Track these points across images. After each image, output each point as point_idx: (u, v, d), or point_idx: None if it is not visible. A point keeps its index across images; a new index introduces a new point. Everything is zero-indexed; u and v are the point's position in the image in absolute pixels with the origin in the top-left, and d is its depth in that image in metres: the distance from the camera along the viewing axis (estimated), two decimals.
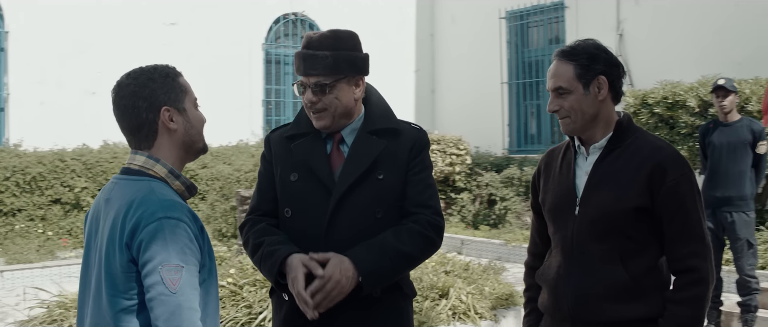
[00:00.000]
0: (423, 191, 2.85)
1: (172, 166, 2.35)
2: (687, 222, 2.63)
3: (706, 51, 10.91)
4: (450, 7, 15.25)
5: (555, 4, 13.29)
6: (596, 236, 2.68)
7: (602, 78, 2.70)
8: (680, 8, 11.40)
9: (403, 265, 2.78)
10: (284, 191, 2.89)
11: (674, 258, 2.66)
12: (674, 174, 2.62)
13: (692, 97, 9.24)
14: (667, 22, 11.58)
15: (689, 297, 2.61)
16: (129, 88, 2.32)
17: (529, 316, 3.04)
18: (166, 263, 2.12)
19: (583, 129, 2.75)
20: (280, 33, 14.03)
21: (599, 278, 2.66)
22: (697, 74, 10.03)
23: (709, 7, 11.04)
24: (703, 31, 11.06)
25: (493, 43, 14.17)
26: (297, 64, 2.83)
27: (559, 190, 2.81)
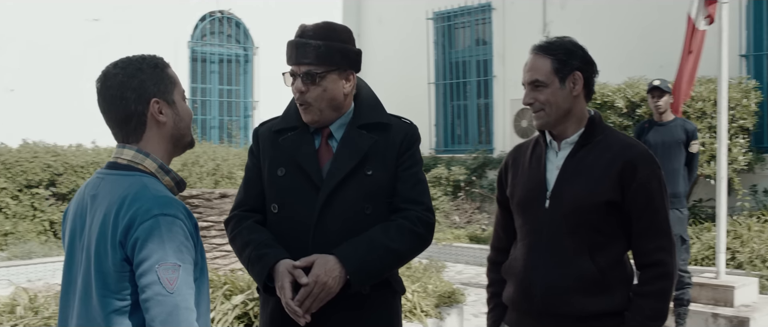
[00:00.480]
0: (413, 187, 2.81)
1: (161, 160, 2.25)
2: (655, 218, 2.69)
3: (632, 54, 11.19)
4: (377, 7, 15.26)
5: (482, 6, 13.44)
6: (567, 229, 2.70)
7: (578, 74, 2.73)
8: (606, 12, 11.69)
9: (391, 262, 2.74)
10: (271, 186, 2.83)
11: (641, 252, 2.72)
12: (645, 171, 2.68)
13: (620, 97, 9.49)
14: (593, 26, 11.82)
15: (656, 290, 2.67)
16: (117, 79, 2.21)
17: (493, 310, 3.03)
18: (162, 262, 2.03)
19: (556, 123, 2.76)
20: (206, 31, 13.80)
21: (568, 271, 2.69)
22: (622, 76, 10.31)
23: (633, 11, 11.35)
24: (628, 35, 11.36)
25: (420, 44, 14.25)
26: (288, 53, 2.76)
27: (529, 183, 2.83)
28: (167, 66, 2.29)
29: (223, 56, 13.99)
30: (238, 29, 14.15)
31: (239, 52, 14.20)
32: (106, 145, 11.18)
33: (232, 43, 14.13)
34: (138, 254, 2.04)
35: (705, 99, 9.33)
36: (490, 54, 13.39)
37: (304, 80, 2.71)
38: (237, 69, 14.21)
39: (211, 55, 13.71)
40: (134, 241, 2.05)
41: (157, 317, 2.01)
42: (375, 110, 2.86)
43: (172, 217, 2.08)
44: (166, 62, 2.30)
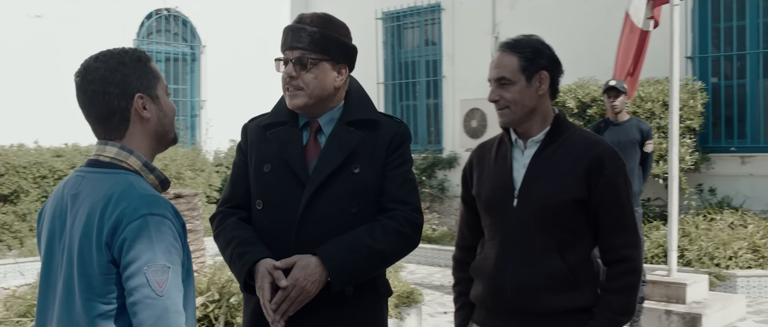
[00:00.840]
0: (401, 186, 2.76)
1: (145, 158, 2.17)
2: (621, 214, 2.72)
3: (580, 55, 11.30)
4: (325, 6, 15.10)
5: (431, 6, 13.46)
6: (535, 227, 2.71)
7: (544, 73, 2.75)
8: (554, 14, 11.79)
9: (375, 263, 2.69)
10: (257, 182, 2.77)
11: (609, 248, 2.74)
12: (611, 167, 2.70)
13: (571, 98, 9.59)
14: (542, 27, 11.82)
15: (623, 286, 2.70)
16: (98, 72, 2.12)
17: (461, 309, 3.01)
18: (151, 264, 1.96)
19: (521, 121, 2.77)
20: (152, 29, 13.53)
21: (538, 269, 2.70)
22: (571, 77, 10.41)
23: (582, 13, 11.48)
24: (577, 37, 11.47)
25: (369, 44, 14.18)
26: (283, 39, 2.72)
27: (496, 182, 2.82)
28: (150, 59, 2.22)
29: (170, 55, 13.74)
30: (185, 27, 13.91)
31: (186, 51, 13.96)
32: (49, 144, 10.90)
33: (179, 41, 13.89)
34: (126, 255, 1.97)
35: (654, 100, 9.49)
36: (439, 54, 13.42)
37: (295, 65, 2.66)
38: (183, 68, 13.97)
39: (157, 54, 13.44)
40: (121, 241, 1.97)
41: (145, 321, 1.94)
42: (365, 107, 2.82)
43: (160, 216, 2.02)
44: (149, 56, 2.23)
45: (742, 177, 9.99)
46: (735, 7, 10.34)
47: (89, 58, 2.17)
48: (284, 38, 2.72)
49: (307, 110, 2.73)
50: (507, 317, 2.75)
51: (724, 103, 10.36)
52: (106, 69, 2.12)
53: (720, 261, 8.24)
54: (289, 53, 2.70)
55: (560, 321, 2.70)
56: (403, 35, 14.25)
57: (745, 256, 8.33)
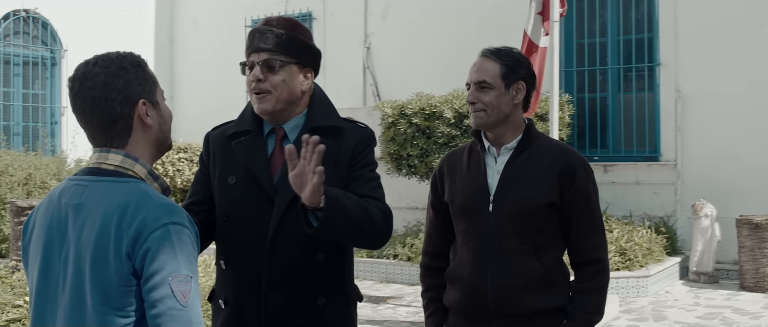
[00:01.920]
0: (367, 182, 2.72)
1: (149, 166, 2.14)
2: (591, 218, 2.89)
3: (452, 68, 11.66)
4: (191, 12, 14.93)
5: (303, 15, 13.49)
6: (512, 232, 2.83)
7: (522, 83, 2.89)
8: (426, 26, 12.13)
9: (360, 220, 2.55)
10: (222, 195, 2.72)
11: (580, 251, 2.90)
12: (582, 174, 2.88)
13: (448, 108, 9.86)
14: (413, 39, 12.25)
15: (595, 286, 2.87)
16: (98, 78, 2.05)
17: (433, 315, 3.08)
18: (175, 274, 1.93)
19: (494, 125, 2.88)
20: (9, 31, 12.88)
21: (517, 272, 2.82)
22: (445, 88, 10.73)
23: (453, 26, 11.86)
24: (448, 49, 11.86)
25: (238, 50, 13.92)
26: (248, 42, 2.67)
27: (469, 188, 2.92)
28: (147, 64, 2.18)
29: (28, 58, 13.12)
30: (45, 30, 13.34)
31: (46, 55, 13.38)
32: None
33: (39, 44, 13.29)
34: (149, 266, 1.93)
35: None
36: None
37: (262, 68, 2.62)
38: (43, 72, 13.37)
39: (15, 57, 12.82)
40: (144, 252, 1.93)
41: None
42: (329, 113, 2.78)
43: (180, 225, 1.99)
44: (145, 60, 2.19)
45: (605, 185, 10.60)
46: (597, 25, 11.02)
47: (85, 63, 2.10)
48: (250, 41, 2.67)
49: (275, 116, 2.69)
50: (487, 320, 2.85)
51: (588, 115, 11.01)
52: (107, 74, 2.06)
53: None
54: (255, 56, 2.63)
55: (538, 321, 2.83)
56: None
57: (613, 259, 8.86)
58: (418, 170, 10.26)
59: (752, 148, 9.84)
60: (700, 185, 10.08)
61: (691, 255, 9.65)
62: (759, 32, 9.82)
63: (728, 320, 7.52)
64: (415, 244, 9.81)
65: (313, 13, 13.38)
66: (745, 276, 9.05)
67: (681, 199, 10.30)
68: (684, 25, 10.31)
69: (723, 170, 10.03)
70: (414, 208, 11.88)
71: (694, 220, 9.65)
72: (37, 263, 2.11)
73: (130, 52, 2.18)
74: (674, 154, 10.40)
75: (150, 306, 1.93)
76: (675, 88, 10.38)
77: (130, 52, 2.17)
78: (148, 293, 1.93)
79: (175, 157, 12.07)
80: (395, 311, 8.02)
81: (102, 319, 1.96)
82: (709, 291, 9.05)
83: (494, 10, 11.41)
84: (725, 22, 10.01)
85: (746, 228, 9.05)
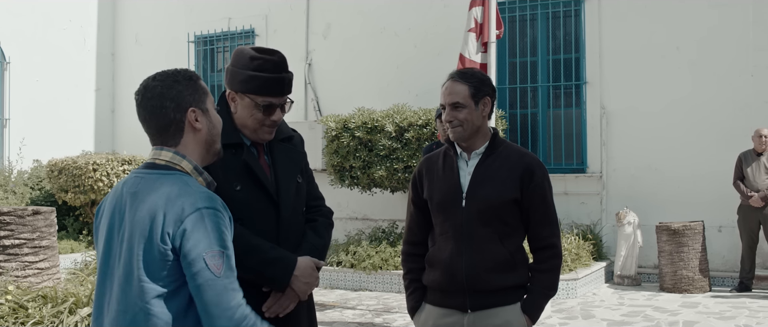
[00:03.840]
0: (315, 186, 3.37)
1: (195, 162, 2.54)
2: (547, 211, 3.43)
3: (391, 84, 12.24)
4: (134, 27, 15.13)
5: (245, 32, 13.87)
6: (481, 222, 3.35)
7: (488, 98, 3.41)
8: (366, 45, 12.65)
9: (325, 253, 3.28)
10: (230, 201, 2.94)
11: (538, 238, 3.44)
12: (539, 174, 3.41)
13: (389, 122, 10.36)
14: (353, 56, 12.74)
15: (550, 267, 3.42)
16: (156, 90, 2.49)
17: (414, 293, 3.58)
18: (209, 250, 2.32)
19: (469, 137, 3.39)
20: None
21: (486, 255, 3.33)
22: (385, 104, 11.25)
23: (392, 46, 12.41)
24: (387, 66, 12.39)
25: (180, 65, 14.17)
26: (269, 86, 3.00)
27: (445, 187, 3.43)
28: (199, 78, 2.60)
29: None
30: None
31: None
32: None
33: None
34: (185, 244, 2.32)
35: None
36: None
37: (281, 110, 3.06)
38: None
39: None
40: (182, 232, 2.32)
41: (210, 300, 2.31)
42: (284, 124, 3.26)
43: (213, 209, 2.38)
44: (198, 75, 2.62)
45: None
46: (528, 45, 11.71)
47: (148, 79, 2.55)
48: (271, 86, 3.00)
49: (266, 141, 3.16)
50: (461, 295, 3.37)
51: (520, 130, 11.67)
52: (163, 87, 2.50)
53: None
54: (275, 100, 3.02)
55: (503, 296, 3.36)
56: (215, 58, 14.53)
57: None
58: (360, 181, 10.74)
59: (671, 160, 10.63)
60: (623, 195, 10.83)
61: (616, 260, 10.36)
62: (676, 54, 10.62)
63: (649, 317, 8.19)
64: (358, 251, 10.25)
65: (255, 29, 13.76)
66: (665, 278, 9.77)
67: (606, 208, 11.02)
68: (608, 46, 11.07)
69: (644, 181, 10.80)
70: (354, 218, 12.35)
71: (618, 227, 10.36)
72: (102, 242, 2.53)
73: (186, 69, 2.62)
74: (600, 167, 11.12)
75: (190, 279, 2.34)
76: (600, 105, 11.11)
77: (185, 69, 2.61)
78: (188, 268, 2.33)
79: (120, 169, 12.29)
80: (342, 314, 8.47)
81: (144, 287, 2.37)
82: (632, 292, 9.75)
83: (431, 30, 12.02)
84: (646, 44, 10.80)
85: (665, 234, 9.78)
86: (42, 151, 13.40)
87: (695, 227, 9.66)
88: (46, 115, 13.68)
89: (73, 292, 5.64)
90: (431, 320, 3.48)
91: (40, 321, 5.32)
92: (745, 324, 7.76)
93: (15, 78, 13.48)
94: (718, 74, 10.39)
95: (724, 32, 10.39)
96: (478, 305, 3.36)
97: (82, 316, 5.30)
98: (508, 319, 3.35)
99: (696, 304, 8.89)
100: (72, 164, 12.25)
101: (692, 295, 9.51)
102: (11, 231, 6.58)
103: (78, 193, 12.19)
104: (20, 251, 6.58)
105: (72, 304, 5.44)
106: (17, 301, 5.52)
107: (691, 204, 10.42)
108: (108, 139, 15.01)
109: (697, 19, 10.53)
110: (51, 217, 6.90)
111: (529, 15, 11.70)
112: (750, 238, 9.55)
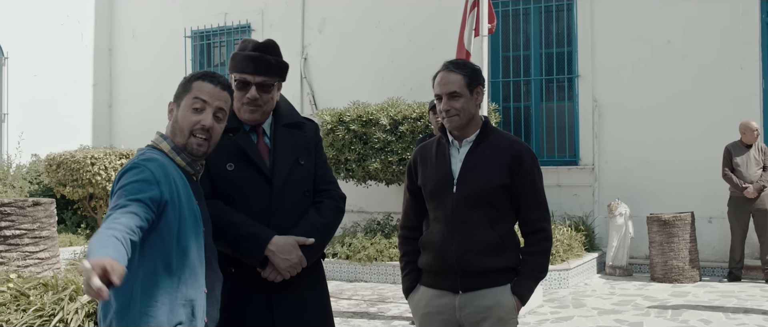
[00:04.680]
0: (327, 171, 3.52)
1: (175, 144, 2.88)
2: (537, 196, 3.54)
3: (386, 78, 12.37)
4: (130, 22, 15.25)
5: (241, 27, 14.00)
6: (472, 207, 3.46)
7: (480, 88, 3.52)
8: (361, 39, 12.78)
9: (327, 234, 3.41)
10: (222, 180, 3.27)
11: (528, 222, 3.54)
12: (528, 160, 3.51)
13: (384, 116, 10.49)
14: (349, 51, 12.87)
15: (540, 250, 3.52)
16: None
17: (410, 274, 3.69)
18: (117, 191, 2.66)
19: (464, 126, 3.50)
20: None
21: (476, 238, 3.44)
22: (380, 97, 11.39)
23: (387, 40, 12.55)
24: (382, 61, 12.53)
25: (177, 60, 14.43)
26: (244, 64, 3.25)
27: (438, 174, 3.55)
28: (195, 80, 2.92)
29: None
30: None
31: None
32: None
33: None
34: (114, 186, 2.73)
35: None
36: None
37: (258, 89, 3.25)
38: None
39: None
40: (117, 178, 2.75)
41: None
42: (293, 112, 3.48)
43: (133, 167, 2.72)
44: (197, 77, 2.92)
45: None
46: (522, 39, 11.85)
47: None
48: (246, 64, 3.25)
49: (260, 121, 3.36)
50: (453, 277, 3.49)
51: (513, 123, 11.82)
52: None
53: None
54: (250, 77, 3.25)
55: (493, 278, 3.47)
56: (212, 53, 14.65)
57: None
58: (355, 174, 10.88)
59: (661, 153, 10.78)
60: (615, 187, 10.98)
61: (608, 250, 10.52)
62: (667, 47, 10.77)
63: (639, 306, 8.34)
64: (353, 243, 10.40)
65: (251, 24, 13.89)
66: (655, 268, 9.93)
67: (598, 200, 11.18)
68: (600, 40, 11.22)
69: (636, 173, 10.96)
70: (350, 211, 12.47)
71: (609, 218, 10.51)
72: None
73: (200, 71, 2.99)
74: (592, 159, 11.27)
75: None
76: (592, 98, 11.26)
77: (199, 71, 2.99)
78: None
79: (117, 163, 12.41)
80: (337, 304, 8.60)
81: None
82: (623, 282, 9.91)
83: (425, 24, 12.15)
84: (637, 37, 10.95)
85: (656, 225, 9.94)
86: (40, 145, 13.52)
87: (685, 218, 9.82)
88: (44, 110, 13.80)
89: (73, 280, 5.77)
90: (424, 300, 3.60)
91: (41, 308, 5.44)
92: (733, 308, 7.91)
93: (13, 73, 13.58)
94: (708, 67, 10.54)
95: (714, 26, 10.54)
96: (468, 286, 3.47)
97: (82, 303, 5.42)
98: (498, 299, 3.45)
99: (685, 293, 9.05)
100: (70, 158, 12.37)
101: (682, 284, 9.67)
102: (12, 222, 6.71)
103: (76, 186, 12.31)
104: (21, 241, 6.72)
105: (72, 292, 5.56)
106: (19, 289, 5.64)
107: (681, 195, 10.57)
108: (105, 134, 15.13)
109: (688, 13, 10.68)
110: (51, 208, 7.03)
111: (523, 9, 11.84)
112: (741, 228, 9.71)
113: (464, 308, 3.49)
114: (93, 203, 12.92)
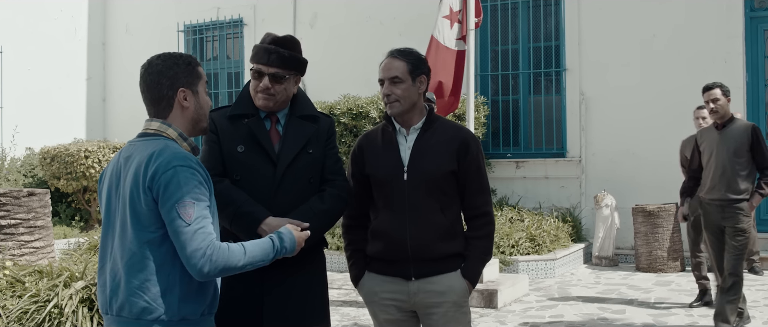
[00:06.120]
0: (336, 162, 3.65)
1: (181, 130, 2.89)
2: (482, 181, 3.64)
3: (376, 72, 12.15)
4: (124, 17, 15.36)
5: (234, 21, 14.13)
6: (423, 194, 3.54)
7: (424, 76, 3.60)
8: (351, 33, 12.93)
9: (326, 221, 3.52)
10: (232, 160, 3.48)
11: (473, 206, 3.63)
12: (474, 146, 3.61)
13: (374, 109, 10.65)
14: (340, 44, 13.01)
15: (485, 234, 3.63)
16: (157, 68, 2.84)
17: (357, 263, 3.74)
18: (180, 201, 2.66)
19: (405, 112, 3.57)
20: None
21: (430, 225, 3.54)
22: (367, 90, 11.52)
23: (377, 33, 12.68)
24: (373, 54, 12.53)
25: None
26: (260, 55, 3.48)
27: (387, 162, 3.61)
28: (198, 65, 2.94)
29: None
30: None
31: None
32: None
33: None
34: (162, 196, 2.68)
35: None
36: (241, 67, 14.11)
37: (271, 79, 3.45)
38: None
39: None
40: (159, 186, 2.68)
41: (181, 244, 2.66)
42: (309, 105, 3.66)
43: (186, 167, 2.72)
44: (198, 62, 2.96)
45: (517, 179, 11.61)
46: (510, 33, 12.01)
47: (154, 56, 2.90)
48: (261, 55, 3.48)
49: (274, 109, 3.54)
50: (406, 264, 3.57)
51: (502, 116, 11.99)
52: (163, 66, 2.85)
53: (505, 249, 9.63)
54: (265, 68, 3.47)
55: (445, 263, 3.57)
56: (205, 48, 14.78)
57: (524, 245, 9.81)
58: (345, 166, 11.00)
59: (647, 145, 10.94)
60: (601, 179, 11.15)
61: (594, 241, 10.70)
62: (652, 41, 10.93)
63: (624, 295, 8.52)
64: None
65: (244, 19, 14.02)
66: (640, 258, 10.12)
67: (585, 192, 11.34)
68: (587, 34, 11.38)
69: (622, 165, 11.12)
70: None
71: (596, 210, 10.69)
72: (104, 201, 2.90)
73: (189, 54, 2.97)
74: (579, 151, 11.44)
75: (167, 226, 2.70)
76: (579, 92, 11.42)
77: (189, 55, 2.96)
78: (165, 217, 2.69)
79: (111, 156, 12.55)
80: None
81: (138, 234, 2.73)
82: (608, 272, 10.10)
83: (416, 18, 12.24)
84: (624, 31, 11.11)
85: (641, 215, 10.12)
86: (34, 138, 13.65)
87: (669, 209, 9.99)
88: (38, 104, 13.92)
89: (67, 267, 5.92)
90: (377, 287, 3.66)
91: (36, 294, 5.58)
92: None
93: (7, 67, 13.69)
94: (693, 61, 10.69)
95: (698, 20, 10.70)
96: (422, 273, 3.55)
97: (76, 289, 5.56)
98: (451, 284, 3.55)
99: (669, 283, 9.23)
100: (64, 151, 12.51)
101: (666, 274, 9.85)
102: (7, 211, 6.86)
103: (70, 179, 12.45)
104: (16, 231, 6.87)
105: (67, 279, 5.70)
106: (14, 276, 5.79)
107: (666, 187, 10.69)
108: (99, 127, 15.26)
109: (673, 7, 10.84)
110: (45, 199, 7.18)
111: (511, 3, 12.00)
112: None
113: (417, 294, 3.58)
114: (87, 196, 13.05)
